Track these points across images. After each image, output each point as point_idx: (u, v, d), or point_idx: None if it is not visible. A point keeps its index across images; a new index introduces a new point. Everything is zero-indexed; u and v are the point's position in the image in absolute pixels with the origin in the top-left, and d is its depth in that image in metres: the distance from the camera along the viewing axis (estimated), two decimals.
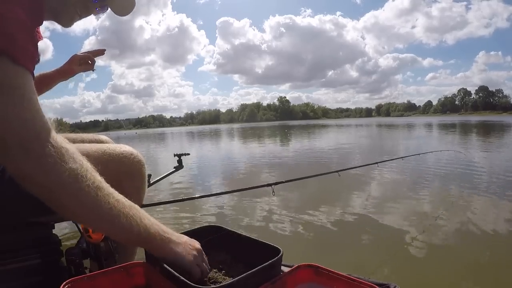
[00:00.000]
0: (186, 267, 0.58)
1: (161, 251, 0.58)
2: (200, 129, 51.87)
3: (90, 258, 0.91)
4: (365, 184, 3.70)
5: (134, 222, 0.54)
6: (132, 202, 0.80)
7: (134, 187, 0.84)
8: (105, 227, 0.55)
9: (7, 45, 0.44)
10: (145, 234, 0.55)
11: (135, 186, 0.85)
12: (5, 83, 0.44)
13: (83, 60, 1.17)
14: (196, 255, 0.60)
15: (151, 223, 0.57)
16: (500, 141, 8.87)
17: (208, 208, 2.87)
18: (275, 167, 5.47)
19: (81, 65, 1.17)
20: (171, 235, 0.60)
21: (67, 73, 1.16)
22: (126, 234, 0.55)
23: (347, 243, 2.02)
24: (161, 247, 0.58)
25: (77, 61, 1.16)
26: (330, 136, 14.43)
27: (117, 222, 0.52)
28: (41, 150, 0.46)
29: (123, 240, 0.62)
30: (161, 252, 0.58)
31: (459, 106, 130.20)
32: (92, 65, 1.20)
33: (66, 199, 0.49)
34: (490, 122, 26.03)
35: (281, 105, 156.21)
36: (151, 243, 0.57)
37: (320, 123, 47.89)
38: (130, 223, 0.54)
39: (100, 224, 0.54)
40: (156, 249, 0.58)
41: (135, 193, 0.83)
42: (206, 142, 14.86)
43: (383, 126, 24.72)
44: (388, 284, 0.64)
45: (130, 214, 0.54)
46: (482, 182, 3.49)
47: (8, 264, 0.71)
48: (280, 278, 0.58)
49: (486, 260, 1.69)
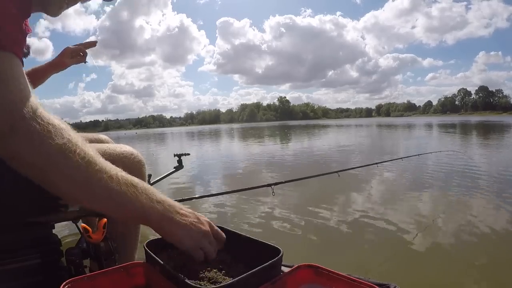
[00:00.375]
0: (187, 251, 0.57)
1: (160, 231, 0.56)
2: (200, 129, 51.91)
3: (90, 258, 0.91)
4: (365, 184, 3.70)
5: (128, 199, 0.52)
6: None
7: None
8: (98, 205, 0.53)
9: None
10: (140, 213, 0.53)
11: None
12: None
13: (75, 52, 1.18)
14: (200, 237, 0.58)
15: (150, 200, 0.54)
16: (500, 142, 8.87)
17: (208, 208, 2.87)
18: (275, 167, 5.47)
19: (73, 57, 1.18)
20: (173, 214, 0.56)
21: (59, 65, 1.17)
22: (121, 212, 0.53)
23: (347, 243, 2.03)
24: (159, 227, 0.55)
25: (69, 53, 1.17)
26: (330, 136, 14.44)
27: (110, 199, 0.51)
28: (27, 128, 0.45)
29: (119, 218, 0.59)
30: (160, 232, 0.56)
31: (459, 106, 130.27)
32: (84, 57, 1.21)
33: (56, 176, 0.48)
34: (490, 123, 26.04)
35: (281, 105, 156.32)
36: (148, 222, 0.55)
37: (320, 123, 47.91)
38: (124, 200, 0.51)
39: (92, 201, 0.52)
40: (155, 228, 0.55)
41: None
42: (206, 142, 14.86)
43: (383, 126, 24.73)
44: (388, 284, 0.64)
45: (124, 190, 0.52)
46: (482, 182, 3.49)
47: (7, 264, 0.71)
48: (280, 278, 0.58)
49: (486, 260, 1.69)
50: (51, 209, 0.81)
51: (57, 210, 0.81)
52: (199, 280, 0.62)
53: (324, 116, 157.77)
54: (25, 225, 0.77)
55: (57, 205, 0.80)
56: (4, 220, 0.74)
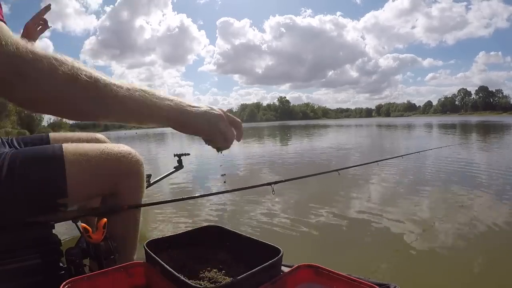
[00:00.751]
0: (208, 137, 0.60)
1: (179, 126, 0.57)
2: None
3: (90, 258, 0.91)
4: (365, 183, 3.70)
5: (142, 102, 0.53)
6: (131, 201, 0.79)
7: (133, 187, 0.85)
8: (115, 115, 0.53)
9: None
10: (156, 112, 0.54)
11: (134, 186, 0.85)
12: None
13: (37, 23, 1.20)
14: (217, 121, 0.59)
15: (161, 100, 0.55)
16: (500, 142, 8.87)
17: (208, 208, 2.87)
18: (275, 166, 5.47)
19: (38, 29, 1.21)
20: (186, 107, 0.58)
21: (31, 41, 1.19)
22: (138, 117, 0.54)
23: (347, 243, 2.02)
24: (178, 122, 0.57)
25: (33, 27, 1.19)
26: (330, 136, 14.43)
27: (124, 107, 0.52)
28: (34, 69, 0.45)
29: (138, 122, 0.58)
30: (179, 126, 0.57)
31: (459, 106, 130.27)
32: (46, 24, 1.25)
33: (70, 101, 0.48)
34: (490, 123, 26.04)
35: (281, 105, 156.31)
36: (167, 120, 0.56)
37: (320, 123, 47.90)
38: (138, 104, 0.52)
39: (109, 112, 0.52)
40: (173, 125, 0.57)
41: (134, 192, 0.85)
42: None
43: (383, 127, 24.73)
44: (388, 284, 0.64)
45: (135, 95, 0.52)
46: (483, 182, 3.49)
47: (8, 264, 0.71)
48: (280, 278, 0.58)
49: (487, 260, 1.69)
50: (50, 209, 0.81)
51: (57, 210, 0.81)
52: (199, 280, 0.62)
53: (324, 116, 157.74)
54: (25, 225, 0.77)
55: (57, 205, 0.80)
56: (4, 220, 0.74)
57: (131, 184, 0.85)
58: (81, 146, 0.82)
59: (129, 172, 0.84)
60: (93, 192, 0.84)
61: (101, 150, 0.81)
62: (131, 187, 0.85)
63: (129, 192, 0.85)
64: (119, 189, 0.84)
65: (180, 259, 0.69)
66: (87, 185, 0.81)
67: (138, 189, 0.87)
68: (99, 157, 0.79)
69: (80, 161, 0.77)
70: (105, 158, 0.80)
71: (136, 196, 0.87)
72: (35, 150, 0.82)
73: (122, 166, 0.82)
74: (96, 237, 0.82)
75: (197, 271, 0.65)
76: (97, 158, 0.79)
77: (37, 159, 0.77)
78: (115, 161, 0.81)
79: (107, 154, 0.81)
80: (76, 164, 0.77)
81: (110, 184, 0.83)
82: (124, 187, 0.84)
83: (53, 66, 0.47)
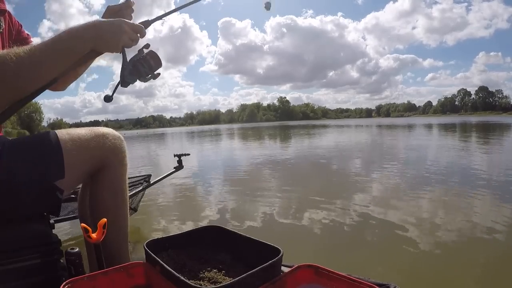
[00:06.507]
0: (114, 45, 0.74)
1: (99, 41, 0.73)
2: (200, 129, 51.87)
3: (90, 258, 0.91)
4: (365, 184, 3.70)
5: (58, 39, 0.71)
6: (118, 173, 0.92)
7: (118, 160, 0.92)
8: (51, 63, 0.70)
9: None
10: (80, 42, 0.71)
11: (119, 159, 0.93)
12: None
13: None
14: (118, 29, 0.74)
15: (76, 30, 0.72)
16: (500, 142, 8.87)
17: (208, 208, 2.87)
18: (275, 166, 5.47)
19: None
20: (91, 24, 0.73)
21: None
22: (67, 54, 0.71)
23: (347, 243, 2.02)
24: (84, 40, 0.72)
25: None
26: (330, 137, 14.43)
27: (54, 53, 0.70)
28: (16, 67, 0.66)
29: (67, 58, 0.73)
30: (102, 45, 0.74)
31: (459, 106, 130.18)
32: None
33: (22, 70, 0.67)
34: (490, 123, 26.03)
35: (281, 105, 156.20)
36: (93, 44, 0.73)
37: (320, 124, 47.89)
38: (54, 42, 0.70)
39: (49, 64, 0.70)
40: (98, 45, 0.74)
41: (119, 165, 0.92)
42: (206, 142, 14.85)
43: (383, 127, 24.72)
44: (388, 284, 0.64)
45: (49, 43, 0.70)
46: (483, 182, 3.48)
47: (8, 264, 0.71)
48: (280, 278, 0.58)
49: (487, 259, 1.69)
50: (50, 209, 0.81)
51: (57, 210, 0.81)
52: (199, 280, 0.62)
53: (324, 116, 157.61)
54: (26, 225, 0.77)
55: (56, 205, 0.80)
56: (4, 220, 0.74)
57: (117, 157, 0.91)
58: (73, 130, 0.89)
59: (114, 147, 0.91)
60: (86, 169, 0.88)
61: (89, 130, 0.89)
62: (117, 160, 0.92)
63: (115, 164, 0.91)
64: (107, 163, 0.90)
65: (180, 259, 0.69)
66: (81, 161, 0.85)
67: (122, 161, 0.93)
68: (88, 134, 0.87)
69: (74, 139, 0.84)
70: (93, 136, 0.87)
71: (122, 168, 0.93)
72: (31, 136, 0.89)
73: (108, 142, 0.90)
74: (96, 237, 0.82)
75: (197, 271, 0.65)
76: (86, 136, 0.86)
77: (34, 142, 0.82)
78: (101, 137, 0.88)
79: (95, 133, 0.89)
80: (70, 141, 0.83)
81: (100, 159, 0.89)
82: (111, 161, 0.90)
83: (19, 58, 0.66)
